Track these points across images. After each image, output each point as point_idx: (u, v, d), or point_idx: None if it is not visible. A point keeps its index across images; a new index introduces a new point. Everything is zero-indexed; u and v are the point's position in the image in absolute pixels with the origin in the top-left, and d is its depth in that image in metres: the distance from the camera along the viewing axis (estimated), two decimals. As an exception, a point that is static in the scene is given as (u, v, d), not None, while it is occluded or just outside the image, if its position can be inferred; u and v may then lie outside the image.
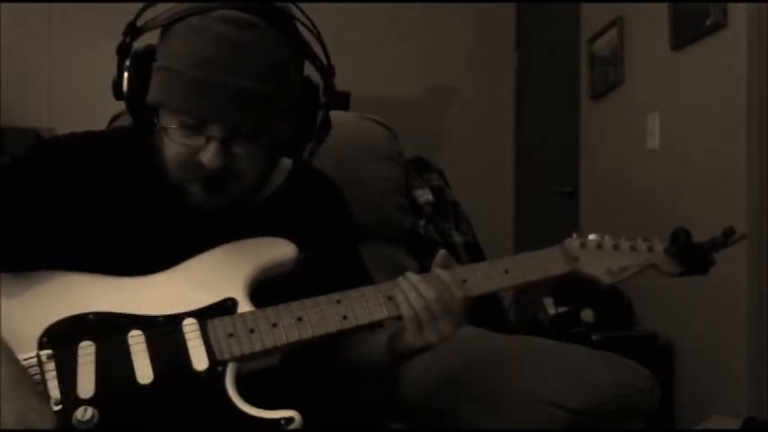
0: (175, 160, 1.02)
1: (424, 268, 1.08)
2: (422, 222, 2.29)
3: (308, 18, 1.06)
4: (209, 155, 0.98)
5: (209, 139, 0.98)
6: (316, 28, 1.07)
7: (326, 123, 1.10)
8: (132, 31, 1.03)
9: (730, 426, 2.07)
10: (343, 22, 3.76)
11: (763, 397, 2.17)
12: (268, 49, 0.98)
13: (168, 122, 1.00)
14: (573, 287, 2.79)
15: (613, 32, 3.09)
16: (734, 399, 2.26)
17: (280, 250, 1.06)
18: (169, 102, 0.98)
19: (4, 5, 3.47)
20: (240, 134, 0.99)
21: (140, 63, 1.01)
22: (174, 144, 1.00)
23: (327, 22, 1.11)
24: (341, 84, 1.13)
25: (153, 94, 0.99)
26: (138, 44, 1.04)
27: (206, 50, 0.95)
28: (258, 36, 0.97)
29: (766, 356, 2.20)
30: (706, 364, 2.44)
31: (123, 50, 1.03)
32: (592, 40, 3.30)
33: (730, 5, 2.29)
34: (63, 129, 1.20)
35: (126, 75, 1.02)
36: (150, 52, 1.01)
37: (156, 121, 1.02)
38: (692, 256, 1.08)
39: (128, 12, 1.04)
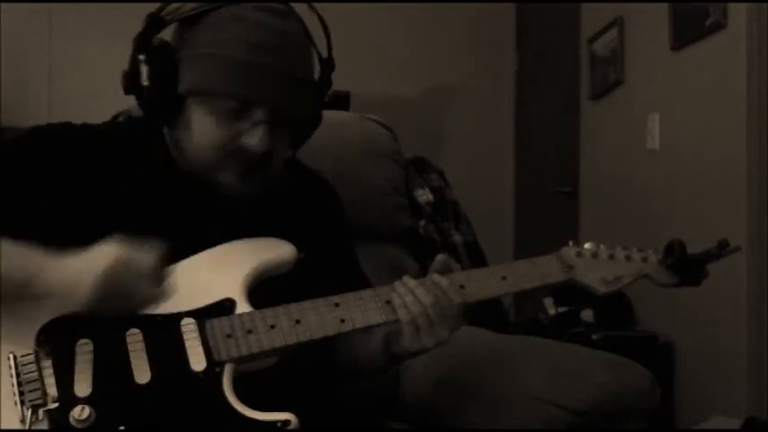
0: (213, 147, 1.02)
1: (423, 268, 1.08)
2: (422, 222, 2.29)
3: (317, 12, 1.09)
4: (257, 138, 1.01)
5: (255, 123, 1.00)
6: (324, 21, 1.10)
7: (320, 117, 1.14)
8: (156, 22, 1.02)
9: (730, 426, 2.06)
10: (342, 21, 3.75)
11: (763, 397, 2.17)
12: (299, 38, 1.04)
13: (207, 109, 1.01)
14: (573, 287, 2.79)
15: (613, 32, 3.08)
16: (734, 399, 2.25)
17: (279, 251, 1.05)
18: (217, 87, 0.99)
19: (4, 5, 3.47)
20: (282, 118, 1.03)
21: (165, 54, 1.01)
22: (213, 130, 1.01)
23: (327, 22, 1.11)
24: (341, 83, 1.14)
25: (192, 81, 1.00)
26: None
27: (252, 36, 0.99)
28: (291, 24, 1.03)
29: (766, 356, 2.20)
30: (706, 364, 2.44)
31: (144, 42, 1.02)
32: (592, 40, 3.30)
33: (730, 5, 2.29)
34: (62, 128, 1.19)
35: (147, 67, 1.01)
36: (166, 44, 1.02)
37: (184, 110, 1.02)
38: (686, 267, 1.09)
39: (127, 12, 1.04)
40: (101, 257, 0.91)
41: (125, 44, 1.05)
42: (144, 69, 1.01)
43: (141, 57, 1.02)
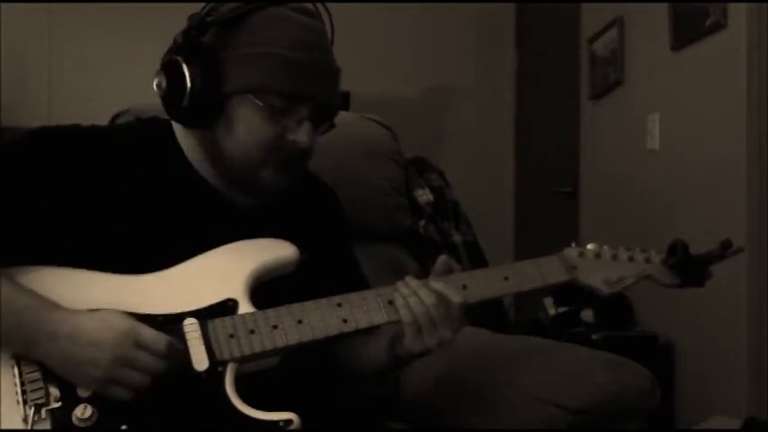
0: (259, 144, 1.03)
1: (424, 268, 1.08)
2: (422, 222, 2.29)
3: (326, 10, 1.12)
4: (304, 134, 1.04)
5: (300, 120, 1.03)
6: (331, 19, 1.12)
7: None
8: (200, 24, 1.01)
9: (730, 426, 2.06)
10: (343, 21, 3.75)
11: (763, 397, 2.17)
12: (328, 36, 1.08)
13: (254, 107, 1.02)
14: (573, 287, 2.79)
15: (613, 32, 3.08)
16: (734, 399, 2.25)
17: (281, 251, 1.06)
18: (267, 85, 1.01)
19: (4, 5, 3.47)
20: (323, 113, 1.06)
21: (211, 55, 1.01)
22: (260, 128, 1.03)
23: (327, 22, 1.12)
24: (341, 83, 1.14)
25: (240, 81, 1.01)
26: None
27: (295, 35, 1.02)
28: (322, 23, 1.07)
29: (766, 356, 2.20)
30: (706, 364, 2.44)
31: (188, 44, 1.01)
32: (592, 40, 3.30)
33: (730, 5, 2.29)
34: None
35: (190, 69, 0.99)
36: (208, 46, 1.02)
37: (224, 111, 1.02)
38: (689, 268, 1.08)
39: (127, 13, 1.04)
40: (109, 331, 0.91)
41: (124, 44, 1.05)
42: (186, 71, 1.00)
43: (180, 58, 1.00)
